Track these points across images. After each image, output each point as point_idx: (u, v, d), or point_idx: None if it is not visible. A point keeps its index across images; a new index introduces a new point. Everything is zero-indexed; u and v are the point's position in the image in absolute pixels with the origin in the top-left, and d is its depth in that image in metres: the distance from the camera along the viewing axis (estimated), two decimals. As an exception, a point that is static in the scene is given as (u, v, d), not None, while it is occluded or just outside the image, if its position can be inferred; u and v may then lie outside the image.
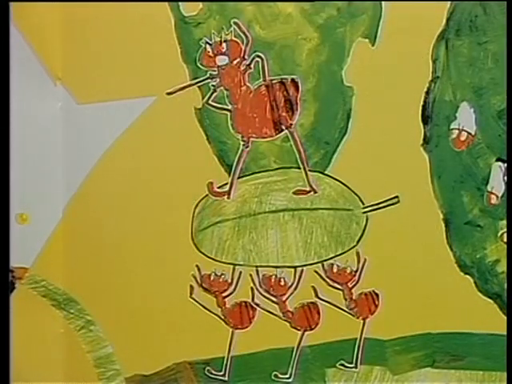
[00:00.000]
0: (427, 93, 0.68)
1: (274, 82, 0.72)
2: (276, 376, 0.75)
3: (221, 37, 0.72)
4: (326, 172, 0.72)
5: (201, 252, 0.75)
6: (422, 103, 0.69)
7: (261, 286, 0.74)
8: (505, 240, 0.68)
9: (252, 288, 0.75)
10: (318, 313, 0.73)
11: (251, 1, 0.71)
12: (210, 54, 0.72)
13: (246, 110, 0.73)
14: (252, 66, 0.72)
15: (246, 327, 0.75)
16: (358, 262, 0.72)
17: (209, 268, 0.75)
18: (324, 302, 0.73)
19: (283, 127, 0.72)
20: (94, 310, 0.80)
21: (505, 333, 0.68)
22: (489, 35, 0.67)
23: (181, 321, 0.77)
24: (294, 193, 0.73)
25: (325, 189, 0.72)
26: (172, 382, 0.78)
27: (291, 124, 0.72)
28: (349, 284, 0.72)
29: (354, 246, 0.72)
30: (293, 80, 0.71)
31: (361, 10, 0.69)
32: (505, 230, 0.68)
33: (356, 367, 0.73)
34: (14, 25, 0.77)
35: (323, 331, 0.73)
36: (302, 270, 0.73)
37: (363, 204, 0.71)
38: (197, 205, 0.75)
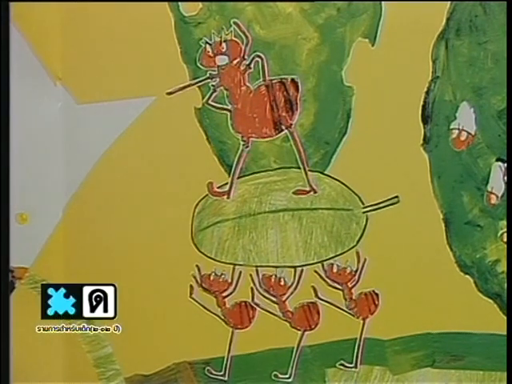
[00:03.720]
0: (427, 93, 0.68)
1: (273, 81, 0.72)
2: (276, 376, 0.75)
3: (221, 37, 0.72)
4: (325, 172, 0.72)
5: (201, 252, 0.75)
6: (422, 103, 0.69)
7: (261, 286, 0.74)
8: (505, 240, 0.68)
9: (252, 288, 0.75)
10: (318, 313, 0.73)
11: (251, 1, 0.71)
12: (210, 54, 0.72)
13: (245, 110, 0.73)
14: (252, 66, 0.72)
15: (246, 327, 0.75)
16: (358, 262, 0.72)
17: (209, 268, 0.75)
18: (324, 302, 0.73)
19: (283, 127, 0.72)
20: (94, 310, 0.80)
21: (505, 333, 0.68)
22: (489, 35, 0.67)
23: (181, 321, 0.77)
24: (294, 193, 0.73)
25: (325, 189, 0.72)
26: (172, 381, 0.78)
27: (291, 124, 0.72)
28: (349, 284, 0.72)
29: (354, 246, 0.72)
30: (293, 80, 0.71)
31: (361, 10, 0.69)
32: (505, 229, 0.68)
33: (356, 367, 0.73)
34: (14, 25, 0.77)
35: (323, 331, 0.73)
36: (302, 270, 0.73)
37: (363, 204, 0.71)
38: (197, 205, 0.75)
